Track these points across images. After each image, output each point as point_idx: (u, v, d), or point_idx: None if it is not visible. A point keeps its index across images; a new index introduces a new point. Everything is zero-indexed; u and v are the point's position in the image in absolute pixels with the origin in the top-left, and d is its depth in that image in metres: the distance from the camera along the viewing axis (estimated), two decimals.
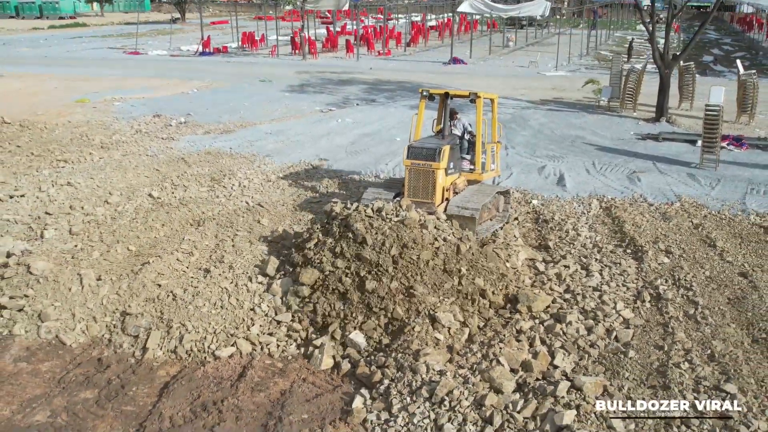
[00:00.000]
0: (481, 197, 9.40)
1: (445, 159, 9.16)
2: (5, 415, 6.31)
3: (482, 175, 10.00)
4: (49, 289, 8.17)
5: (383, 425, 5.98)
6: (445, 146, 9.22)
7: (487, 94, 10.39)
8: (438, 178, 9.11)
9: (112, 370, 6.98)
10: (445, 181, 9.31)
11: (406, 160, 9.30)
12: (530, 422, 5.82)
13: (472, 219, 8.78)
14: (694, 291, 8.03)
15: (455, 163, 9.66)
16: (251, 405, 6.42)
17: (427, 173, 9.12)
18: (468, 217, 8.80)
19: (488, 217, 9.74)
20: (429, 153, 9.14)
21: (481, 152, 9.91)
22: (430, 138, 9.94)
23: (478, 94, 9.79)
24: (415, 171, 9.20)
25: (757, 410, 5.91)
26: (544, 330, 7.26)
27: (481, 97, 9.78)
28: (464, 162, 10.11)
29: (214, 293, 7.94)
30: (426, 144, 9.41)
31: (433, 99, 10.04)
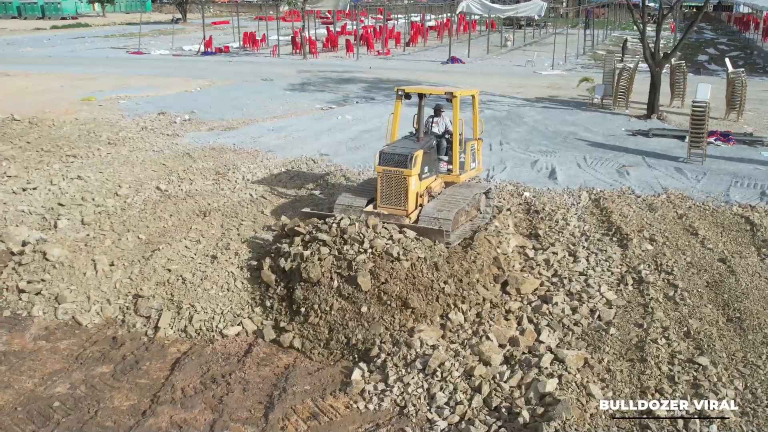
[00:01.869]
0: (456, 203, 9.01)
1: (417, 165, 8.75)
2: (28, 387, 6.79)
3: (460, 176, 9.65)
4: (65, 274, 8.66)
5: (380, 395, 6.45)
6: (417, 151, 8.79)
7: (466, 91, 10.13)
8: (410, 185, 8.73)
9: (127, 348, 7.46)
10: (419, 186, 8.95)
11: (378, 166, 8.87)
12: (516, 391, 6.30)
13: (441, 232, 8.34)
14: (674, 275, 8.50)
15: (431, 166, 9.25)
16: (257, 378, 6.90)
17: (399, 180, 8.73)
18: (437, 230, 8.37)
19: (466, 219, 9.41)
20: (401, 159, 8.72)
21: (458, 153, 9.54)
22: (404, 140, 9.48)
23: (454, 93, 9.35)
24: (387, 178, 8.80)
25: (726, 380, 6.38)
26: (531, 310, 7.74)
27: (457, 96, 9.34)
28: (442, 163, 9.75)
29: (221, 277, 8.42)
30: (398, 149, 8.96)
31: (409, 98, 9.69)
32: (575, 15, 49.68)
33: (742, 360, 6.74)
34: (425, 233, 8.31)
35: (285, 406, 6.37)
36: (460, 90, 9.83)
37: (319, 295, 7.44)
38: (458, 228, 9.00)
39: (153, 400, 6.55)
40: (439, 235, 8.30)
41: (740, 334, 7.22)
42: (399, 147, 9.08)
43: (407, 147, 9.03)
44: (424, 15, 52.83)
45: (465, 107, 11.84)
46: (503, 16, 38.06)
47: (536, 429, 5.69)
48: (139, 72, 27.21)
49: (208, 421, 6.24)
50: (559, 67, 29.54)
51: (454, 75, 26.28)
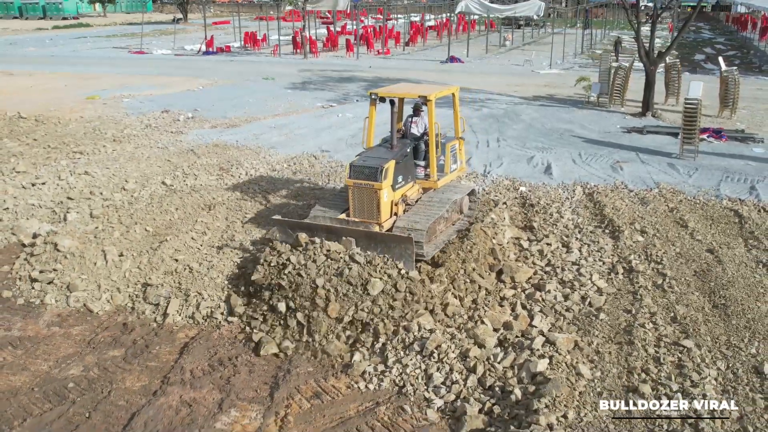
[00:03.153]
0: (432, 213, 8.63)
1: (389, 177, 8.41)
2: (44, 369, 7.11)
3: (438, 182, 9.28)
4: (75, 264, 8.99)
5: (379, 376, 6.78)
6: (388, 163, 8.42)
7: (443, 91, 9.72)
8: (382, 198, 8.38)
9: (137, 333, 7.78)
10: (393, 196, 8.65)
11: (348, 179, 8.54)
12: (509, 371, 6.62)
13: (410, 240, 7.84)
14: (663, 264, 8.82)
15: (405, 174, 8.90)
16: (263, 360, 7.22)
17: (371, 193, 8.40)
18: (406, 238, 7.91)
19: (446, 226, 9.14)
20: (371, 172, 8.35)
21: (435, 158, 9.19)
22: (377, 149, 9.12)
23: (428, 96, 8.98)
24: (358, 190, 8.47)
25: (710, 361, 6.70)
26: (525, 297, 8.06)
27: (431, 99, 8.97)
28: (419, 169, 9.40)
29: (227, 266, 8.74)
30: (368, 161, 8.57)
31: (384, 101, 9.14)
32: (574, 15, 50.00)
33: (726, 343, 7.06)
34: (394, 241, 7.88)
35: (289, 386, 6.69)
36: (436, 91, 9.40)
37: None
38: (436, 238, 8.68)
39: (163, 381, 6.87)
40: (407, 242, 7.79)
41: (725, 319, 7.53)
42: (370, 158, 8.69)
43: (378, 158, 8.64)
44: (423, 15, 53.16)
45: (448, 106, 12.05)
46: (502, 16, 38.36)
47: (527, 406, 6.00)
48: (141, 71, 27.53)
49: (216, 400, 6.55)
50: (557, 66, 29.86)
51: (452, 74, 26.60)
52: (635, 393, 6.16)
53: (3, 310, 8.29)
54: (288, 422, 6.18)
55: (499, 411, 6.10)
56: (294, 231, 8.31)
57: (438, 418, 6.17)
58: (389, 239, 7.93)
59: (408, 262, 7.80)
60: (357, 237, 7.98)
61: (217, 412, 6.34)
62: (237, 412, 6.36)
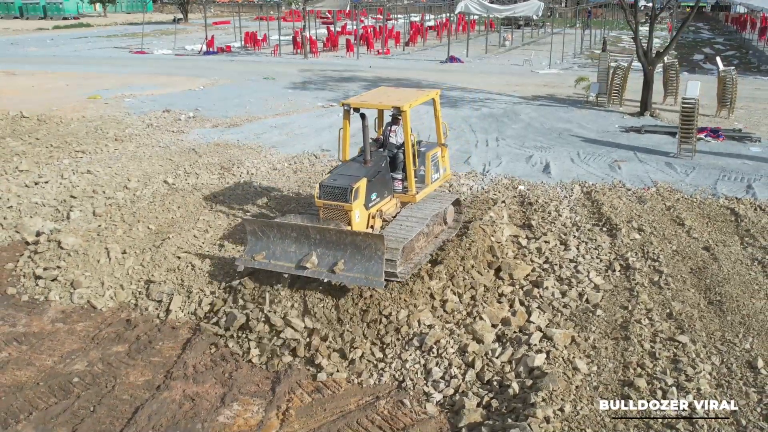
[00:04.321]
0: (408, 230, 8.22)
1: (360, 196, 8.08)
2: (48, 364, 7.22)
3: (416, 197, 8.86)
4: (79, 261, 9.10)
5: (379, 371, 6.88)
6: (359, 182, 8.07)
7: (420, 98, 9.18)
8: (353, 219, 8.07)
9: (140, 329, 7.89)
10: (366, 215, 8.32)
11: (318, 199, 8.22)
12: (507, 365, 6.73)
13: (381, 238, 7.54)
14: (660, 262, 8.93)
15: (380, 190, 8.56)
16: (264, 356, 7.30)
17: (341, 214, 8.10)
18: (377, 236, 7.65)
19: (426, 241, 8.77)
20: (340, 193, 8.02)
21: (412, 171, 8.76)
22: (350, 164, 8.73)
23: (402, 108, 8.53)
24: (328, 211, 8.18)
25: (704, 356, 6.81)
26: (523, 294, 8.17)
27: (406, 110, 8.54)
28: (396, 182, 9.02)
29: (229, 264, 8.83)
30: (339, 180, 8.17)
31: (358, 111, 8.61)
32: (573, 15, 50.12)
33: (720, 338, 7.16)
34: (365, 240, 7.55)
35: (290, 380, 6.80)
36: (412, 100, 8.90)
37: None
38: (415, 256, 8.31)
39: (166, 375, 6.98)
40: (378, 241, 7.45)
41: (720, 315, 7.64)
42: (341, 176, 8.28)
43: (349, 176, 8.24)
44: (423, 15, 53.26)
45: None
46: (501, 16, 38.48)
47: (525, 399, 6.11)
48: (142, 71, 27.63)
49: (219, 394, 6.66)
50: (556, 66, 29.97)
51: (452, 74, 26.71)
52: (631, 387, 6.26)
53: (8, 307, 8.40)
54: (290, 416, 6.28)
55: (497, 405, 6.20)
56: (264, 232, 8.13)
57: (437, 412, 6.28)
58: (359, 238, 7.61)
59: (377, 265, 7.45)
60: (326, 236, 7.76)
61: (219, 406, 6.45)
62: (239, 405, 6.47)
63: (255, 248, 8.17)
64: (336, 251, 7.71)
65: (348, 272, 7.56)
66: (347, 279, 7.56)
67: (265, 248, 8.10)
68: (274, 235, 8.09)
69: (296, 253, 7.91)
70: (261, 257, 8.04)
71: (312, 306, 7.60)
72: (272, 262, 7.99)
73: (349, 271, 7.56)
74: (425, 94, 9.41)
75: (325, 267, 7.68)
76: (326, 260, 7.73)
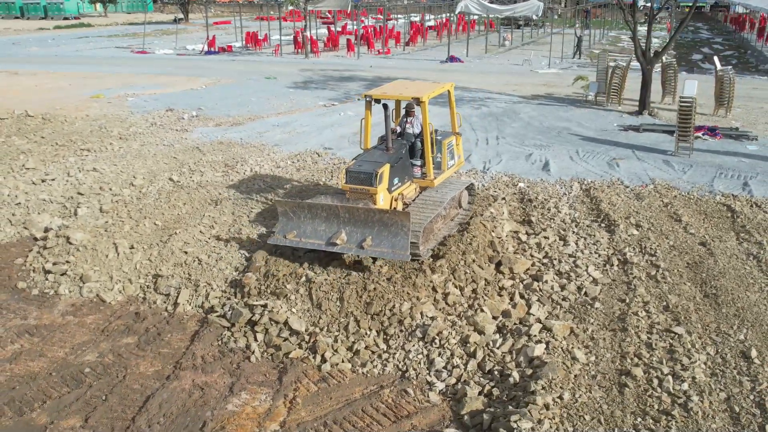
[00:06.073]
0: (428, 212, 8.87)
1: (384, 181, 8.68)
2: (60, 355, 7.40)
3: (434, 181, 9.52)
4: (88, 256, 9.28)
5: (383, 361, 7.07)
6: (383, 167, 8.67)
7: (436, 90, 9.79)
8: (378, 202, 8.68)
9: (149, 321, 8.07)
10: (389, 198, 8.91)
11: (344, 184, 8.84)
12: (507, 355, 6.92)
13: (407, 215, 8.12)
14: (657, 257, 9.12)
15: (402, 176, 9.17)
16: (271, 347, 7.49)
17: (366, 197, 8.69)
18: (403, 213, 8.23)
19: (444, 223, 9.45)
20: (366, 177, 8.62)
21: (431, 158, 9.40)
22: (374, 152, 9.32)
23: (421, 99, 9.13)
24: (355, 195, 8.76)
25: (700, 346, 7.00)
26: (523, 287, 8.36)
27: (424, 101, 9.14)
28: (416, 168, 9.63)
29: (235, 258, 9.04)
30: (363, 166, 8.80)
31: (379, 102, 9.29)
32: (572, 15, 50.33)
33: (716, 330, 7.35)
34: (391, 217, 8.10)
35: (297, 370, 6.98)
36: (429, 92, 9.47)
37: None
38: (433, 237, 8.94)
39: (176, 366, 7.16)
40: (404, 218, 8.02)
41: (715, 308, 7.83)
42: (365, 162, 8.93)
43: (374, 162, 8.86)
44: (423, 15, 53.44)
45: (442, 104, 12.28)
46: (501, 16, 38.65)
47: (525, 387, 6.30)
48: (144, 71, 27.80)
49: (227, 383, 6.85)
50: (555, 65, 30.16)
51: (452, 74, 26.88)
52: (628, 376, 6.45)
53: (19, 300, 8.58)
54: (296, 404, 6.47)
55: (498, 393, 6.39)
56: (295, 212, 8.68)
57: (440, 400, 6.46)
58: (386, 216, 8.15)
59: (404, 240, 8.00)
60: (354, 214, 8.33)
61: (228, 395, 6.64)
62: (247, 394, 6.66)
63: (286, 228, 8.71)
64: (364, 228, 8.29)
65: (375, 247, 8.10)
66: (375, 253, 8.13)
67: (295, 227, 8.65)
68: (304, 215, 8.64)
69: (326, 231, 8.48)
70: (292, 236, 8.59)
71: (317, 299, 7.78)
72: (303, 240, 8.57)
73: (377, 247, 8.08)
74: (441, 86, 10.05)
75: (353, 244, 8.25)
76: (355, 237, 8.32)
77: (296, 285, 8.04)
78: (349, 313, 7.61)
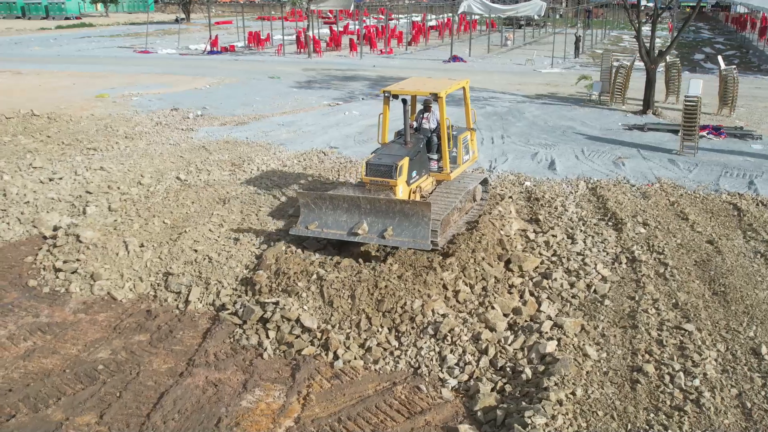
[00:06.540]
0: (446, 204, 9.15)
1: (403, 173, 8.94)
2: (73, 353, 7.44)
3: (451, 174, 9.75)
4: (98, 254, 9.32)
5: (395, 358, 7.10)
6: (402, 160, 8.93)
7: (453, 86, 9.92)
8: (398, 193, 8.92)
9: (161, 319, 8.10)
10: (408, 190, 9.15)
11: (365, 176, 9.08)
12: (519, 352, 6.96)
13: (428, 205, 8.37)
14: (665, 255, 9.16)
15: (419, 169, 9.42)
16: (283, 345, 7.52)
17: (386, 189, 8.92)
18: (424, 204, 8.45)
19: (460, 216, 9.67)
20: (386, 170, 8.86)
21: (447, 152, 9.62)
22: (392, 145, 9.58)
23: (439, 94, 9.31)
24: (375, 187, 9.01)
25: (710, 343, 7.04)
26: (532, 285, 8.40)
27: (442, 96, 9.33)
28: (432, 162, 9.85)
29: (245, 257, 9.07)
30: (383, 159, 9.05)
31: (397, 98, 9.64)
32: (574, 15, 50.37)
33: (725, 327, 7.40)
34: (413, 208, 8.30)
35: (310, 367, 7.02)
36: (446, 87, 9.66)
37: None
38: (449, 229, 9.16)
39: (188, 363, 7.19)
40: (426, 209, 8.24)
41: (724, 305, 7.87)
42: (385, 155, 9.16)
43: (393, 155, 9.10)
44: (425, 15, 53.47)
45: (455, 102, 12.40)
46: (504, 16, 38.71)
47: (538, 384, 6.34)
48: (148, 70, 27.85)
49: (240, 380, 6.88)
50: (558, 65, 30.21)
51: (455, 73, 26.91)
52: (640, 372, 6.49)
53: (30, 298, 8.62)
54: (310, 400, 6.51)
55: (510, 389, 6.43)
56: (317, 204, 8.84)
57: (453, 396, 6.50)
58: (407, 206, 8.36)
59: (424, 230, 8.25)
60: (376, 205, 8.50)
61: (242, 392, 6.67)
62: (261, 391, 6.69)
63: (308, 219, 8.89)
64: (385, 219, 8.46)
65: (396, 237, 8.34)
66: (397, 242, 8.35)
67: (317, 219, 8.81)
68: (326, 206, 8.79)
69: (347, 222, 8.66)
70: (314, 226, 8.76)
71: (329, 296, 7.82)
72: (325, 230, 8.76)
73: (398, 236, 8.38)
74: (457, 83, 10.23)
75: (375, 234, 8.43)
76: (376, 227, 8.49)
77: (307, 283, 8.07)
78: (360, 310, 7.64)
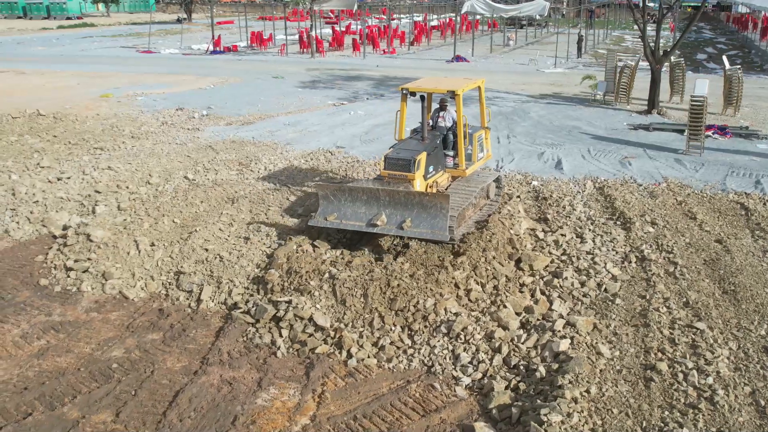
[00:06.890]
0: (461, 199, 9.38)
1: (421, 168, 9.19)
2: (86, 351, 7.46)
3: (466, 171, 10.03)
4: (109, 253, 9.35)
5: (409, 357, 7.13)
6: (420, 155, 9.18)
7: (469, 85, 10.18)
8: (415, 187, 9.14)
9: (173, 318, 8.13)
10: (425, 184, 9.39)
11: (384, 170, 9.34)
12: (532, 351, 6.99)
13: (446, 197, 8.63)
14: (674, 254, 9.19)
15: (436, 164, 9.66)
16: (297, 343, 7.55)
17: (404, 183, 9.15)
18: (442, 195, 8.74)
19: (474, 212, 9.90)
20: (404, 164, 9.13)
21: (464, 148, 9.88)
22: (409, 141, 9.87)
23: (456, 91, 9.56)
24: (393, 181, 9.27)
25: (722, 341, 7.07)
26: (543, 284, 8.43)
27: (459, 94, 9.57)
28: (448, 159, 10.08)
29: (256, 255, 9.10)
30: (402, 153, 9.34)
31: (414, 95, 9.91)
32: (576, 15, 50.41)
33: (736, 325, 7.43)
34: (431, 200, 8.49)
35: (324, 366, 7.04)
36: (463, 86, 9.87)
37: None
38: (464, 224, 9.37)
39: (203, 361, 7.22)
40: (444, 200, 8.43)
41: (734, 304, 7.91)
42: (403, 150, 9.42)
43: (411, 150, 9.36)
44: (426, 15, 53.50)
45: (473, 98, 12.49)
46: (507, 16, 38.72)
47: (552, 382, 6.37)
48: (151, 70, 27.89)
49: (255, 379, 6.91)
50: (561, 65, 30.24)
51: (458, 73, 26.95)
52: (653, 370, 6.52)
53: (42, 297, 8.64)
54: (325, 398, 6.53)
55: (524, 387, 6.46)
56: (336, 196, 8.97)
57: (467, 394, 6.53)
58: (426, 198, 8.52)
59: (443, 221, 8.41)
60: (395, 197, 8.63)
61: (257, 390, 6.69)
62: (276, 389, 6.72)
63: (327, 211, 9.05)
64: (404, 211, 8.60)
65: (415, 228, 8.50)
66: (414, 234, 8.51)
67: (336, 210, 8.95)
68: (345, 198, 8.94)
69: (366, 213, 8.80)
70: (333, 218, 8.92)
71: (341, 295, 7.85)
72: (344, 221, 8.93)
73: (416, 228, 8.52)
74: (473, 81, 10.51)
75: (393, 225, 8.56)
76: (395, 219, 8.62)
77: (320, 281, 8.10)
78: (373, 309, 7.67)
